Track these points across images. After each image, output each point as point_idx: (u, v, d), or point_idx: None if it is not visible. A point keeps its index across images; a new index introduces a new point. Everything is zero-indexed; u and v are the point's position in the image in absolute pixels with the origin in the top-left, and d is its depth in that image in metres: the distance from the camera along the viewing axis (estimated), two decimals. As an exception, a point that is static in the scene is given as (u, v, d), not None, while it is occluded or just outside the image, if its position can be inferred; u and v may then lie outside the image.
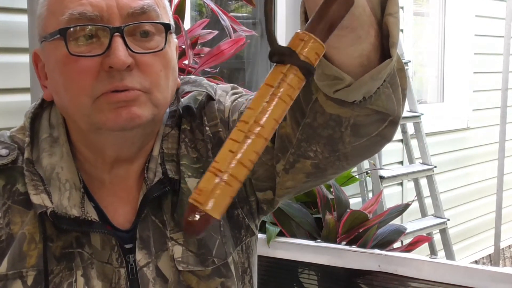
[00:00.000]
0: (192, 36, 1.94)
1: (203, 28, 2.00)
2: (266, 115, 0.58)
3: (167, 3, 0.93)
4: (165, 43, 0.87)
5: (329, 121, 0.76)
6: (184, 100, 0.96)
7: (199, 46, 2.01)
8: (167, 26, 0.87)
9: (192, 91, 0.96)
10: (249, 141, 0.57)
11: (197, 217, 0.55)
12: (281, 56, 0.58)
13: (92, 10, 0.84)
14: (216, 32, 2.03)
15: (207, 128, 0.94)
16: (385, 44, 0.68)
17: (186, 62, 1.91)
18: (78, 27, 0.84)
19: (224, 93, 0.98)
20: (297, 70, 0.59)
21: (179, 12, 1.95)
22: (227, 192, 0.56)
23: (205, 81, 0.99)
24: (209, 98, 0.96)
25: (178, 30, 1.94)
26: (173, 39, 0.92)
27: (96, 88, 0.84)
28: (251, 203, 0.97)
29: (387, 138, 0.79)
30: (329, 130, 0.77)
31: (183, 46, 1.88)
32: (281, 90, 0.58)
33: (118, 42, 0.83)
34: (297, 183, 0.88)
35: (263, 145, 0.58)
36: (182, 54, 1.92)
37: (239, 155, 0.56)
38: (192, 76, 1.01)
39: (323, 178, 0.88)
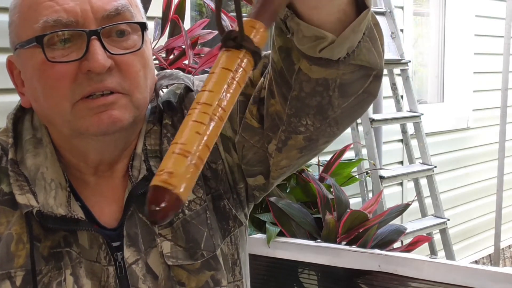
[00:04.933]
0: (192, 36, 1.94)
1: (203, 28, 2.00)
2: (228, 99, 0.58)
3: (139, 2, 0.93)
4: (142, 42, 0.87)
5: (316, 87, 0.76)
6: (163, 95, 0.96)
7: (199, 46, 2.01)
8: (142, 25, 0.88)
9: (170, 84, 0.97)
10: (213, 124, 0.56)
11: (168, 201, 0.52)
12: (236, 41, 0.60)
13: (67, 16, 0.83)
14: (216, 32, 2.02)
15: None
16: None
17: (186, 62, 1.91)
18: (54, 33, 0.83)
19: (201, 83, 0.98)
20: (250, 55, 0.60)
21: (179, 12, 1.95)
22: (196, 175, 0.55)
23: (181, 73, 0.99)
24: (188, 90, 0.96)
25: (178, 30, 1.94)
26: (148, 37, 0.92)
27: (75, 92, 0.84)
28: (239, 191, 0.97)
29: (373, 94, 0.81)
30: (317, 97, 0.77)
31: (183, 46, 1.87)
32: (239, 74, 0.59)
33: (96, 45, 0.83)
34: (292, 161, 0.88)
35: (221, 129, 0.58)
36: (182, 54, 1.92)
37: (205, 138, 0.55)
38: (168, 70, 1.01)
39: (315, 150, 0.88)
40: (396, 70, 3.38)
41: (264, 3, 0.63)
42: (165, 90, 0.97)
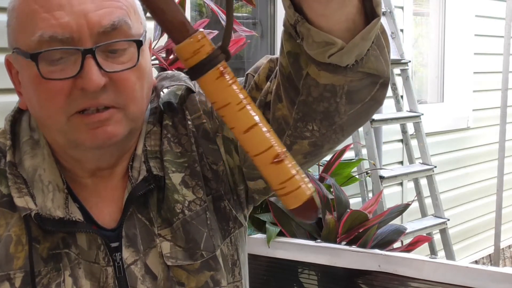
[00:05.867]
0: (192, 36, 1.93)
1: (203, 28, 2.00)
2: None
3: (138, 5, 0.91)
4: (138, 59, 0.85)
5: (324, 93, 0.77)
6: (164, 96, 0.95)
7: (199, 46, 2.00)
8: (138, 43, 0.86)
9: (171, 85, 0.96)
10: None
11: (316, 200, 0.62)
12: (213, 60, 0.63)
13: (62, 32, 0.82)
14: (216, 32, 2.02)
15: (189, 122, 0.94)
16: (367, 7, 0.70)
17: (186, 62, 1.90)
18: (50, 51, 0.82)
19: None
20: (224, 64, 0.64)
21: (179, 12, 1.95)
22: None
23: (182, 74, 0.99)
24: (189, 91, 0.96)
25: (178, 30, 1.93)
26: (145, 43, 0.90)
27: (70, 106, 0.84)
28: (239, 193, 0.96)
29: (380, 102, 0.81)
30: (325, 103, 0.78)
31: (183, 46, 1.87)
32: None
33: (90, 64, 0.82)
34: None
35: None
36: (182, 54, 1.91)
37: None
38: (169, 72, 1.01)
39: (319, 156, 0.88)
40: (396, 70, 3.38)
41: (168, 26, 0.65)
42: (165, 91, 0.97)
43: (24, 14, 0.85)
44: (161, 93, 0.96)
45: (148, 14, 0.95)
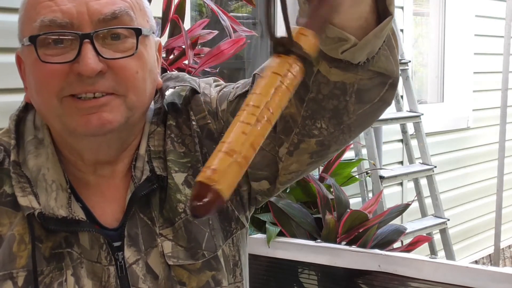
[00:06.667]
0: (192, 36, 1.93)
1: (203, 28, 2.00)
2: (276, 102, 0.60)
3: (147, 5, 0.93)
4: (136, 48, 0.86)
5: (334, 90, 0.78)
6: (168, 97, 0.96)
7: (199, 46, 2.01)
8: (137, 31, 0.87)
9: (175, 86, 0.97)
10: (260, 125, 0.58)
11: (210, 196, 0.55)
12: (286, 47, 0.61)
13: (62, 17, 0.84)
14: (216, 32, 2.02)
15: (194, 123, 0.95)
16: (379, 7, 0.71)
17: (186, 62, 1.91)
18: (48, 34, 0.84)
19: (207, 85, 0.99)
20: (300, 61, 0.62)
21: (179, 12, 1.95)
22: (239, 173, 0.57)
23: (187, 75, 0.99)
24: (193, 92, 0.97)
25: (178, 30, 1.94)
26: (151, 40, 0.92)
27: (64, 89, 0.84)
28: (242, 194, 0.97)
29: (388, 103, 0.82)
30: (334, 100, 0.79)
31: (183, 46, 1.88)
32: (288, 79, 0.61)
33: (87, 49, 0.83)
34: (302, 166, 0.89)
35: (269, 131, 0.60)
36: (182, 54, 1.92)
37: (251, 138, 0.58)
38: (174, 72, 1.01)
39: (325, 157, 0.89)
40: (396, 70, 3.38)
41: (314, 13, 0.65)
42: (170, 91, 0.98)
43: (29, 5, 0.88)
44: (165, 94, 0.96)
45: (153, 14, 0.96)
